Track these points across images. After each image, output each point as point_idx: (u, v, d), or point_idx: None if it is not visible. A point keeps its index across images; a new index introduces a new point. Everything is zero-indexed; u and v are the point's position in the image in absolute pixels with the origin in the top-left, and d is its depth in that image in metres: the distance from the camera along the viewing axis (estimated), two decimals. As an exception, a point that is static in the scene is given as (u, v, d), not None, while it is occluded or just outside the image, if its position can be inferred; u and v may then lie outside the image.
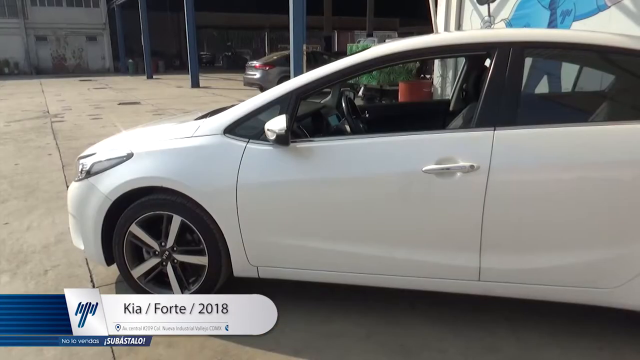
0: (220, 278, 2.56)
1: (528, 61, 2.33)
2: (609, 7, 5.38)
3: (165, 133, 2.72)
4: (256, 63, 15.37)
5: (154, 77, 24.73)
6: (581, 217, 2.13)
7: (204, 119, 2.67)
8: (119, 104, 13.26)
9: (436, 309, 2.62)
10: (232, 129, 2.47)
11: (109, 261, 2.70)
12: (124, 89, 18.02)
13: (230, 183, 2.39)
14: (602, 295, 2.19)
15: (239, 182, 2.38)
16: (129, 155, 2.58)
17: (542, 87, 5.64)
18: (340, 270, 2.45)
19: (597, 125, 2.25)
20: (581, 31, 2.73)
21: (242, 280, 2.59)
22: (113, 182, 2.54)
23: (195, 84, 18.52)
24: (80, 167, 2.74)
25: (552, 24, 6.11)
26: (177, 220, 2.50)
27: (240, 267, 2.53)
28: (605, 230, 2.13)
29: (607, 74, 2.84)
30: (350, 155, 2.34)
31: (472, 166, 2.14)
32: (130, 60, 29.63)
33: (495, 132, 2.17)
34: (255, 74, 14.92)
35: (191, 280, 2.63)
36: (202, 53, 37.35)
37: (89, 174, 2.66)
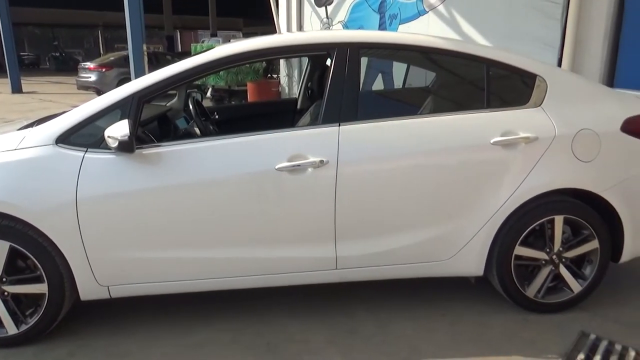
0: (64, 305, 2.30)
1: (364, 61, 2.53)
2: (428, 12, 6.11)
3: (-20, 147, 2.34)
4: (91, 64, 14.26)
5: (-39, 82, 21.06)
6: (417, 199, 2.38)
7: (30, 129, 2.37)
8: None
9: (299, 302, 2.70)
10: (66, 138, 2.23)
11: None
12: None
13: (68, 198, 2.16)
14: (439, 267, 2.49)
15: (79, 197, 2.16)
16: None
17: (378, 85, 6.17)
18: (200, 278, 2.37)
19: (424, 117, 2.53)
20: (407, 34, 3.04)
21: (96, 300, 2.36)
22: None
23: (16, 89, 16.20)
24: None
25: (382, 27, 6.71)
26: (4, 247, 2.18)
27: (87, 290, 2.30)
28: (436, 210, 2.41)
29: (429, 71, 3.22)
30: (201, 159, 2.28)
31: (321, 161, 2.25)
32: None
33: (340, 127, 2.31)
34: (90, 77, 13.81)
35: (28, 312, 2.32)
36: (23, 54, 32.99)
37: None
